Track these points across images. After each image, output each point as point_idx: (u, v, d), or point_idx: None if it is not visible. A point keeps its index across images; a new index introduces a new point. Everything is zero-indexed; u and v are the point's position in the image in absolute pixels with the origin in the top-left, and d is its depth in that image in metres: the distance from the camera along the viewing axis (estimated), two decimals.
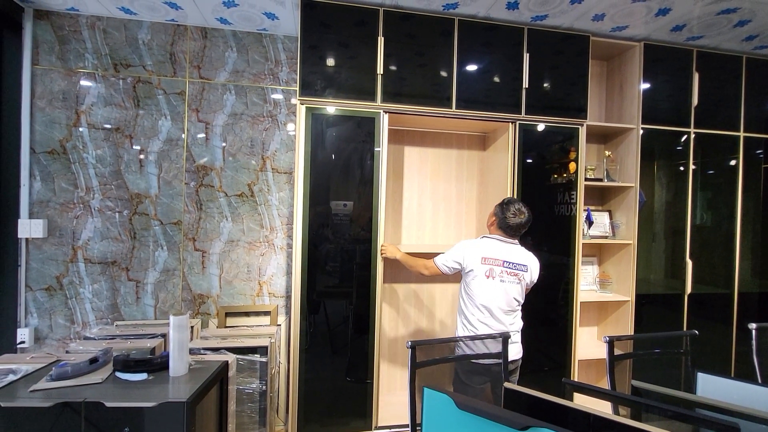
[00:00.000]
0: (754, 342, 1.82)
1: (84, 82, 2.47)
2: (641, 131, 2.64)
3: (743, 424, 0.81)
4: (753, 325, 1.84)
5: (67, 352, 1.87)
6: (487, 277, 1.92)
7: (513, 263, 1.95)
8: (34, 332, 2.43)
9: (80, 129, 2.47)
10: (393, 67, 2.32)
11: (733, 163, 2.81)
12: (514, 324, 1.98)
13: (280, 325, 2.63)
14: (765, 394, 1.11)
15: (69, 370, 1.50)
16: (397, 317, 2.79)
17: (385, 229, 2.33)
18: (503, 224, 1.98)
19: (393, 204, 2.76)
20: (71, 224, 2.46)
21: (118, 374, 1.54)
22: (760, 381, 1.79)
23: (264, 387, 2.23)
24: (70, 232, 2.46)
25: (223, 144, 2.63)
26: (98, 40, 2.48)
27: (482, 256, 1.94)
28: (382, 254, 2.30)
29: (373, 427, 2.31)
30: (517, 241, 2.03)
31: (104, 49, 2.49)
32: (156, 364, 1.58)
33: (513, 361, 1.94)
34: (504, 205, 2.00)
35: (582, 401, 2.28)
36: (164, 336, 2.08)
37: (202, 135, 2.60)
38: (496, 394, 1.91)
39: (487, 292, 1.92)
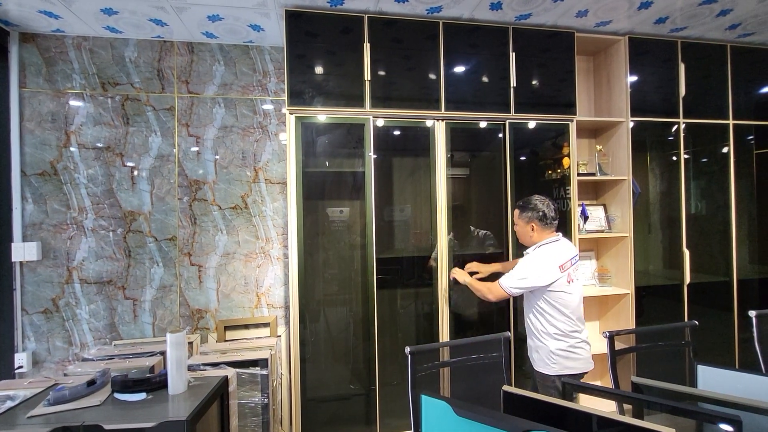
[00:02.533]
0: (755, 330, 1.82)
1: (73, 103, 2.47)
2: (631, 124, 2.65)
3: (745, 416, 0.81)
4: (753, 313, 1.84)
5: (65, 375, 1.85)
6: (569, 282, 1.84)
7: (574, 257, 1.90)
8: (32, 356, 2.41)
9: (71, 149, 2.46)
10: (381, 73, 2.32)
11: (724, 150, 2.82)
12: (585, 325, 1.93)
13: (280, 336, 2.62)
14: (767, 384, 1.11)
15: (67, 394, 1.48)
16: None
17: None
18: (548, 221, 1.89)
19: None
20: (65, 245, 2.45)
21: (117, 395, 1.52)
22: (763, 369, 1.78)
23: (266, 400, 2.21)
24: (64, 254, 2.45)
25: (215, 157, 2.62)
26: (85, 60, 2.48)
27: (559, 265, 1.83)
28: (451, 278, 2.26)
29: None
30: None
31: (91, 68, 2.49)
32: (154, 383, 1.56)
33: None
34: (533, 206, 1.91)
35: (586, 400, 2.27)
36: (163, 354, 2.06)
37: (193, 149, 2.59)
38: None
39: (573, 298, 1.85)
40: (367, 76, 2.29)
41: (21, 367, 2.36)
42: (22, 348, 2.40)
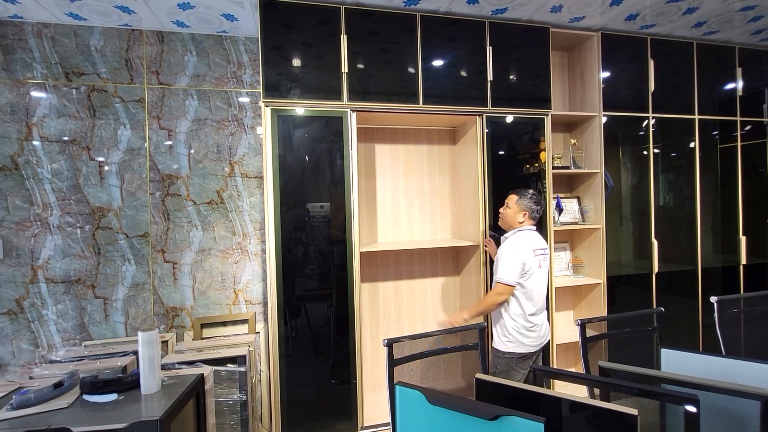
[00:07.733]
0: (716, 315, 1.91)
1: (34, 93, 2.35)
2: (604, 118, 2.72)
3: (703, 395, 0.85)
4: (714, 299, 1.93)
5: (30, 378, 1.77)
6: (539, 267, 2.00)
7: (543, 248, 2.07)
8: None
9: (33, 143, 2.34)
10: (359, 65, 2.30)
11: (691, 145, 2.94)
12: (545, 307, 2.10)
13: (258, 332, 2.58)
14: (725, 365, 1.17)
15: (32, 397, 1.42)
16: (378, 315, 2.79)
17: (360, 227, 2.31)
18: (535, 214, 2.07)
19: (367, 202, 2.75)
20: (29, 243, 2.34)
21: (86, 397, 1.47)
22: (724, 352, 1.88)
23: (245, 397, 2.18)
24: (28, 252, 2.34)
25: (189, 151, 2.55)
26: (46, 48, 2.36)
27: (533, 249, 2.00)
28: (445, 324, 2.05)
29: (359, 428, 2.30)
30: None
31: (54, 57, 2.37)
32: (126, 383, 1.52)
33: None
34: (530, 196, 2.06)
35: (559, 385, 2.33)
36: (136, 353, 2.00)
37: (165, 143, 2.51)
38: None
39: (539, 282, 2.01)
40: (345, 68, 2.26)
41: None
42: None
